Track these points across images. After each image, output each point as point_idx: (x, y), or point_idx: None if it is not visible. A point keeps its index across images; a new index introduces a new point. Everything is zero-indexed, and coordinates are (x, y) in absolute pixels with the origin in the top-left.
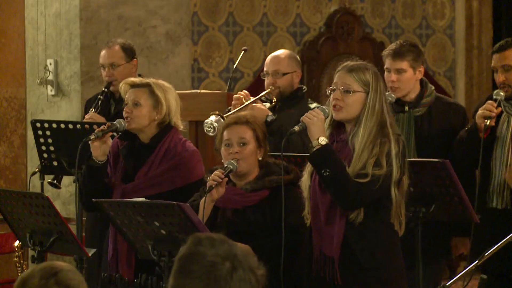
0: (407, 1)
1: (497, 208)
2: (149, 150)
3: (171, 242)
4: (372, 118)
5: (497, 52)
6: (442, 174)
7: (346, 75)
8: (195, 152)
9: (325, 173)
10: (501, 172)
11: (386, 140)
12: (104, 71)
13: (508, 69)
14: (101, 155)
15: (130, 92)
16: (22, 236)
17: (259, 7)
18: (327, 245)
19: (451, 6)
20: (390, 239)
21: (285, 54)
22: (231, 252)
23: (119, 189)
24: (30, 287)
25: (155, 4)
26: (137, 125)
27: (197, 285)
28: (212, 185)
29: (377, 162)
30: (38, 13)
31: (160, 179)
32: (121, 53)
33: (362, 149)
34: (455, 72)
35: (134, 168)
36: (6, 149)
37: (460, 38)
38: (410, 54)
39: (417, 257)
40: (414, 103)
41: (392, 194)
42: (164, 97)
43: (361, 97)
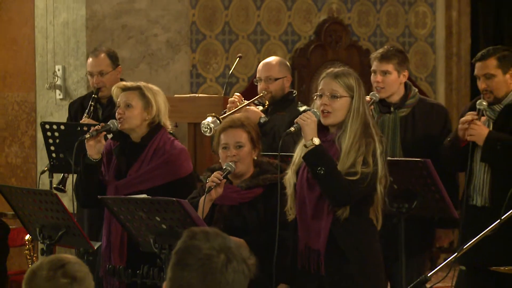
0: (391, 11)
1: (477, 205)
2: (140, 148)
3: (171, 236)
4: (357, 120)
5: (479, 60)
6: (424, 173)
7: (332, 81)
8: (183, 150)
9: (320, 171)
10: (481, 173)
11: (371, 140)
12: (92, 78)
13: (489, 77)
14: (96, 154)
15: (122, 95)
16: (32, 231)
17: (253, 17)
18: (313, 239)
19: (432, 16)
20: (371, 235)
21: (276, 61)
22: (225, 245)
23: (113, 185)
24: (39, 278)
25: (156, 14)
26: (130, 125)
27: (193, 277)
28: (211, 186)
29: (364, 161)
30: (47, 22)
31: (151, 175)
32: (108, 61)
33: (349, 149)
34: (436, 77)
35: (126, 165)
36: (17, 150)
37: (440, 46)
38: (396, 58)
39: (400, 250)
40: (399, 104)
41: (378, 190)
42: (154, 99)
43: (347, 101)
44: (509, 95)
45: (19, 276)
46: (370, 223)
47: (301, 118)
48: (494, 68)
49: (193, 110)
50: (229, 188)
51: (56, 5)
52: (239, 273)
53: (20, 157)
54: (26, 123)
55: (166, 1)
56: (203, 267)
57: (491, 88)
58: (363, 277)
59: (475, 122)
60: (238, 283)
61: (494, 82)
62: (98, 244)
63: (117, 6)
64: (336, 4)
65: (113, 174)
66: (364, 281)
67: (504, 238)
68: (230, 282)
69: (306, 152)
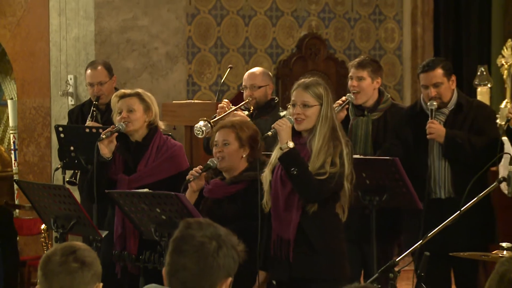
0: (363, 27)
1: (441, 198)
2: (144, 147)
3: (170, 225)
4: (326, 125)
5: (426, 72)
6: (392, 170)
7: (303, 92)
8: (181, 146)
9: (293, 171)
10: (441, 168)
11: (338, 143)
12: (92, 88)
13: (438, 85)
14: (108, 153)
15: (123, 101)
16: (47, 221)
17: (242, 32)
18: (284, 229)
19: (399, 31)
20: (336, 226)
21: (260, 71)
22: (216, 233)
23: (126, 179)
24: (53, 263)
25: (157, 30)
26: (134, 127)
27: (188, 262)
28: (189, 179)
29: (332, 161)
30: (60, 37)
31: (159, 169)
32: (105, 72)
33: (318, 151)
34: (403, 85)
35: (133, 162)
36: (34, 149)
37: (407, 58)
38: (370, 66)
39: (372, 237)
40: (372, 108)
41: (345, 187)
42: (151, 102)
43: (317, 109)
44: (452, 99)
45: (36, 261)
46: (336, 216)
47: (277, 124)
48: (441, 77)
49: (189, 115)
50: (216, 182)
51: (69, 22)
52: (229, 257)
53: (37, 156)
54: (42, 126)
55: (165, 19)
56: (197, 252)
57: (440, 94)
58: (327, 265)
59: (432, 122)
60: (228, 266)
61: (442, 89)
62: (105, 232)
63: (122, 23)
64: (315, 21)
65: (122, 170)
66: (328, 268)
67: (463, 228)
68: (221, 266)
69: (281, 154)
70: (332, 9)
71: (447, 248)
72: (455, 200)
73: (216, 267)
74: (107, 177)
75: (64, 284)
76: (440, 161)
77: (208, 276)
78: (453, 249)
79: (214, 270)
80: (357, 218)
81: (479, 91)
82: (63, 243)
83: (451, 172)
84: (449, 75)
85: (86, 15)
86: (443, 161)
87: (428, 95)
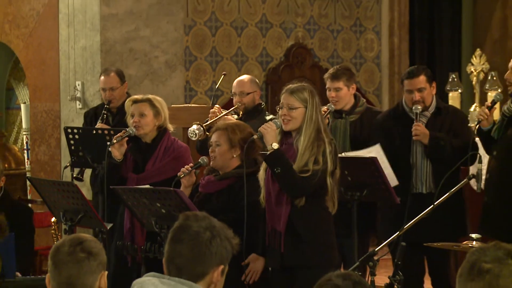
0: (345, 38)
1: (423, 193)
2: (152, 148)
3: (169, 218)
4: (311, 126)
5: (411, 78)
6: (372, 168)
7: (289, 96)
8: (187, 147)
9: (276, 170)
10: (423, 166)
11: (322, 143)
12: (104, 93)
13: (421, 90)
14: (119, 155)
15: (135, 106)
16: (57, 214)
17: (235, 42)
18: (276, 222)
19: (378, 42)
20: (324, 219)
21: (247, 79)
22: (211, 224)
23: (134, 178)
24: (62, 253)
25: (157, 40)
26: (145, 131)
27: (185, 249)
28: (180, 175)
29: (315, 160)
30: (69, 47)
31: (165, 169)
32: (117, 79)
33: (304, 150)
34: (381, 91)
35: (143, 162)
36: (45, 149)
37: (385, 66)
38: (344, 76)
39: (353, 229)
40: (349, 111)
41: (328, 183)
42: (161, 107)
43: (302, 111)
44: (433, 103)
45: (46, 251)
46: (324, 209)
47: (263, 127)
48: (425, 83)
49: (187, 117)
50: (209, 178)
51: (77, 33)
52: (221, 247)
53: (47, 155)
54: (52, 127)
55: (165, 30)
56: (192, 241)
57: (423, 98)
58: (315, 254)
59: (418, 124)
60: (220, 255)
61: (425, 94)
62: (110, 225)
63: (125, 34)
64: (301, 32)
65: (131, 169)
66: (315, 257)
67: (437, 220)
68: (213, 254)
69: (266, 155)
70: (316, 21)
71: (422, 239)
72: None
73: (208, 254)
74: (118, 176)
75: (72, 272)
76: (422, 159)
77: (201, 263)
78: (428, 240)
79: (207, 257)
80: (336, 212)
81: (450, 96)
82: (71, 235)
83: (432, 170)
84: (431, 81)
85: (93, 26)
86: (425, 160)
87: (411, 100)
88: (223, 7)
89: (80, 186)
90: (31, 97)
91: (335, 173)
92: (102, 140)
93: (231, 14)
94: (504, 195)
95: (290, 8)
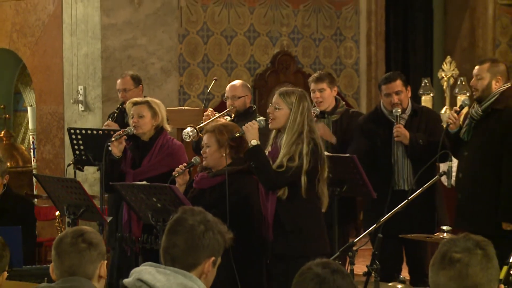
0: (326, 46)
1: (404, 189)
2: (149, 146)
3: (165, 212)
4: (293, 128)
5: (389, 82)
6: (351, 165)
7: (277, 97)
8: (182, 145)
9: (252, 164)
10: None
11: (300, 142)
12: (119, 93)
13: (399, 93)
14: (118, 152)
15: (135, 108)
16: (61, 208)
17: (225, 50)
18: (266, 213)
19: (357, 50)
20: (310, 212)
21: (239, 83)
22: (205, 218)
23: (131, 173)
24: (64, 244)
25: (153, 48)
26: (143, 130)
27: (180, 240)
28: (175, 175)
29: (291, 158)
30: (72, 54)
31: (159, 164)
32: (131, 81)
33: (283, 149)
34: (360, 94)
35: (140, 158)
36: (50, 148)
37: (363, 72)
38: (327, 79)
39: (334, 222)
40: (331, 112)
41: (302, 180)
42: (158, 109)
43: (285, 112)
44: (409, 105)
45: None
46: (309, 203)
47: (245, 126)
48: (401, 86)
49: (180, 119)
50: (202, 175)
51: (79, 41)
52: (213, 240)
53: (52, 154)
54: (56, 128)
55: (160, 39)
56: (187, 233)
57: (400, 101)
58: (301, 245)
59: (399, 126)
60: (212, 247)
61: (402, 96)
62: (109, 218)
63: (124, 42)
64: (286, 41)
65: (130, 165)
66: (302, 248)
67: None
68: (206, 246)
69: (245, 151)
70: (300, 30)
71: (399, 231)
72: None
73: (201, 246)
74: (118, 171)
75: (74, 262)
76: (403, 158)
77: (194, 253)
78: (404, 232)
79: (199, 249)
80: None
81: (423, 99)
82: (74, 227)
83: (412, 168)
84: (406, 85)
85: (94, 35)
86: (405, 159)
87: (390, 103)
88: (214, 17)
89: (83, 182)
90: (37, 100)
91: (320, 172)
92: (102, 140)
93: (221, 24)
94: (475, 193)
95: (276, 18)
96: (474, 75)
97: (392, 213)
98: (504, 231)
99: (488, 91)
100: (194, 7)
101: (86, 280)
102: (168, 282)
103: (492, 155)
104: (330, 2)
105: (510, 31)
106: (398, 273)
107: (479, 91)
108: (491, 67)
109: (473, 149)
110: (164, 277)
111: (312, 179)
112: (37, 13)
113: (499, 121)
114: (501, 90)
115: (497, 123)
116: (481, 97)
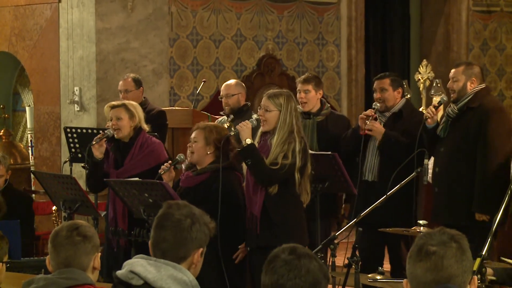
0: (309, 49)
1: (368, 180)
2: (129, 146)
3: (156, 207)
4: (284, 127)
5: (377, 79)
6: (332, 162)
7: (266, 100)
8: (160, 143)
9: (248, 162)
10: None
11: (292, 141)
12: (121, 94)
13: (383, 90)
14: (100, 154)
15: (113, 111)
16: (57, 203)
17: (213, 53)
18: (253, 207)
19: (338, 53)
20: (295, 206)
21: (233, 82)
22: (191, 212)
23: (114, 173)
24: (60, 237)
25: (145, 51)
26: (123, 134)
27: (168, 235)
28: (160, 172)
29: (285, 155)
30: (68, 56)
31: (140, 163)
32: (133, 83)
33: (275, 147)
34: (341, 96)
35: (121, 158)
36: (47, 146)
37: (344, 74)
38: (313, 81)
39: (316, 216)
40: (317, 113)
41: (295, 177)
42: (135, 110)
43: (276, 114)
44: (395, 106)
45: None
46: (295, 197)
47: (239, 125)
48: (387, 85)
49: (171, 119)
50: (187, 174)
51: (75, 44)
52: (200, 232)
53: (49, 151)
54: (53, 127)
55: (152, 42)
56: (175, 227)
57: (383, 98)
58: (286, 236)
59: (372, 121)
60: (200, 239)
61: (386, 94)
62: (103, 213)
63: (117, 46)
64: (271, 44)
65: (112, 165)
66: (287, 239)
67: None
68: (194, 238)
69: (240, 149)
70: (284, 35)
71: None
72: (377, 183)
73: (189, 239)
74: (102, 172)
75: (69, 254)
76: (373, 151)
77: (183, 247)
78: (383, 225)
79: (188, 241)
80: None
81: None
82: (69, 221)
83: (379, 162)
84: (396, 87)
85: (89, 39)
86: (374, 151)
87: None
88: (203, 22)
89: (78, 178)
90: (35, 101)
91: (306, 169)
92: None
93: (210, 28)
94: (451, 187)
95: (262, 23)
96: (450, 78)
97: (372, 208)
98: (477, 221)
99: (463, 91)
100: (184, 13)
101: (81, 272)
102: (159, 273)
103: (467, 150)
104: (313, 8)
105: (483, 36)
106: (379, 264)
107: (456, 93)
108: (466, 69)
109: (449, 145)
110: (155, 269)
111: (304, 176)
112: (35, 18)
113: (474, 118)
114: (476, 90)
115: (471, 120)
116: (458, 98)
